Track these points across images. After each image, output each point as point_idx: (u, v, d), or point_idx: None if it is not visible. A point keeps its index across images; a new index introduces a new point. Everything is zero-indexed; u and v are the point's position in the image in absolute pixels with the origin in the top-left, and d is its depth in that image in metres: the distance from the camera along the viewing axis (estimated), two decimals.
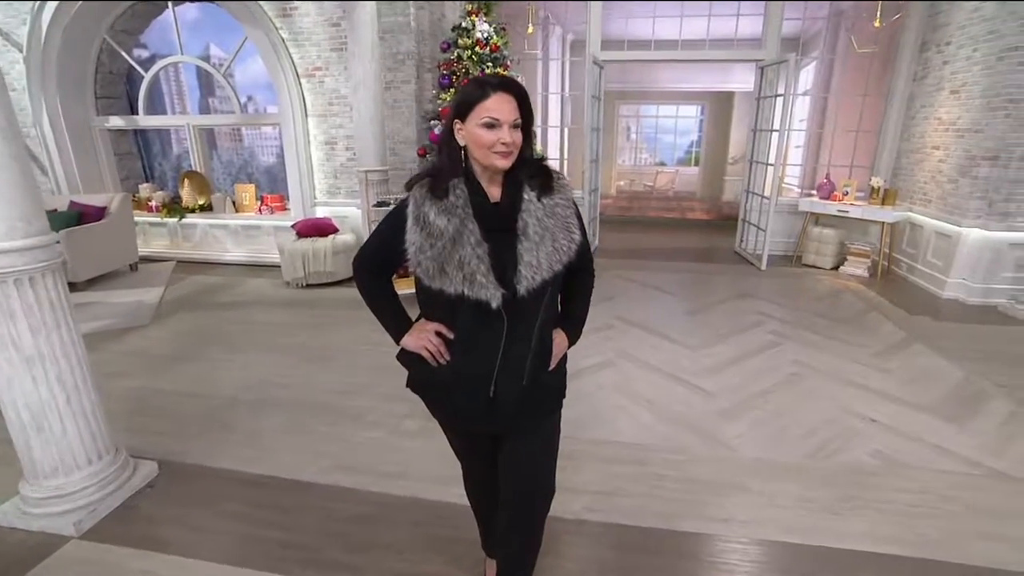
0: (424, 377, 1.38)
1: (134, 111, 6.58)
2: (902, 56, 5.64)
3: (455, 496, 2.05)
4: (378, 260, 1.38)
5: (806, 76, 8.00)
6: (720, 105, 12.21)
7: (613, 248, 6.93)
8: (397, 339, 1.39)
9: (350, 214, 5.74)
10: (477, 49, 4.96)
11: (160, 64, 6.29)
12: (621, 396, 3.11)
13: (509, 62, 5.40)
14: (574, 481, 2.29)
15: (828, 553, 1.97)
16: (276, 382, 3.31)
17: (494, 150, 1.20)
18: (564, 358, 1.45)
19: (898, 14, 5.57)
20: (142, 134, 7.07)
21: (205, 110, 8.60)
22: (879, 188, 5.68)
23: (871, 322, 4.33)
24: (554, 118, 8.05)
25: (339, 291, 5.12)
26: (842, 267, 5.81)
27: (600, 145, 6.64)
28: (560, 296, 1.40)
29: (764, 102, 6.07)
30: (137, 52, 6.62)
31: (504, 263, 1.23)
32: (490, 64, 5.03)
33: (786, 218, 6.35)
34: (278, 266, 5.44)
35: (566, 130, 7.74)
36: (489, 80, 1.21)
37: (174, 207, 6.33)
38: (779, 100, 5.59)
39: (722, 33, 6.46)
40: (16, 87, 5.79)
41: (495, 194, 1.27)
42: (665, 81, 11.50)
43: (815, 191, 6.28)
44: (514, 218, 1.25)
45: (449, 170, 1.25)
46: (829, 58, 7.01)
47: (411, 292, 1.40)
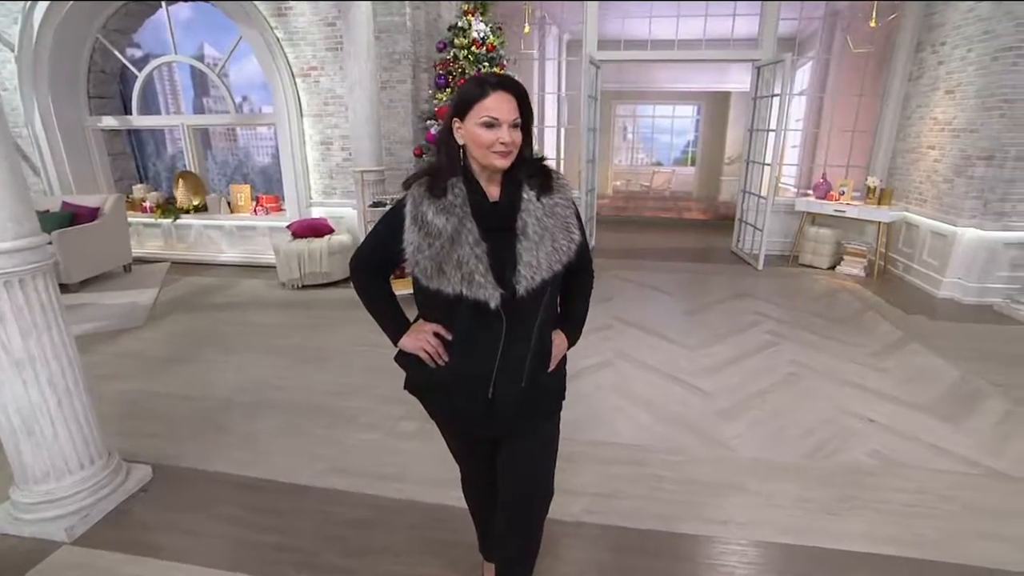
0: (422, 378, 1.36)
1: (128, 111, 6.54)
2: (898, 56, 5.65)
3: (452, 499, 2.03)
4: (375, 260, 1.36)
5: (802, 76, 8.03)
6: (716, 105, 12.25)
7: (610, 248, 6.93)
8: (395, 340, 1.37)
9: (346, 214, 5.72)
10: (473, 49, 4.96)
11: (154, 64, 6.26)
12: (619, 397, 3.10)
13: (505, 62, 5.39)
14: (573, 483, 2.28)
15: (826, 554, 1.96)
16: (271, 384, 3.28)
17: (493, 149, 1.18)
18: (564, 359, 1.44)
19: (893, 14, 5.59)
20: (136, 134, 7.02)
21: (200, 110, 8.59)
22: (875, 188, 5.69)
23: (868, 322, 4.34)
24: (550, 118, 8.05)
25: (335, 292, 5.09)
26: (839, 267, 5.82)
27: (596, 145, 6.64)
28: (559, 297, 1.39)
29: (760, 102, 6.08)
30: (130, 51, 6.56)
31: (503, 263, 1.21)
32: (486, 64, 5.03)
33: (783, 218, 6.36)
34: (273, 267, 5.42)
35: (562, 130, 7.75)
36: (489, 79, 1.20)
37: (168, 208, 6.28)
38: (775, 100, 5.60)
39: (718, 33, 6.47)
40: (7, 87, 5.75)
41: (494, 193, 1.26)
42: (661, 81, 11.53)
43: (811, 191, 6.30)
44: (513, 217, 1.24)
45: (448, 169, 1.24)
46: (825, 58, 7.04)
47: (409, 293, 1.38)
